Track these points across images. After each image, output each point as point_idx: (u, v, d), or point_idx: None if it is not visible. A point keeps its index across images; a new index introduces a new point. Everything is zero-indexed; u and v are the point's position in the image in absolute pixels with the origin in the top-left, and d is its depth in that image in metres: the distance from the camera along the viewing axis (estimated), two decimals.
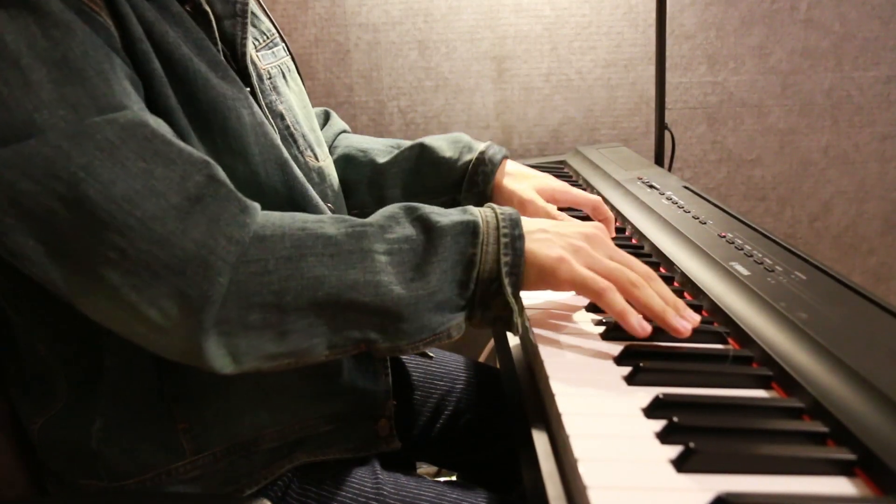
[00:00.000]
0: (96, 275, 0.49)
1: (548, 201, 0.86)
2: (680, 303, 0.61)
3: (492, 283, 0.57)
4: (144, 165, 0.50)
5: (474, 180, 0.87)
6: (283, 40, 0.83)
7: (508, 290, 0.57)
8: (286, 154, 0.66)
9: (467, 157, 0.88)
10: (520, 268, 0.58)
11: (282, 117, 0.74)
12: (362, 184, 0.91)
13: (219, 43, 0.66)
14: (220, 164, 0.62)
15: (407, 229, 0.57)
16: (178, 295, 0.49)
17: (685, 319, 0.59)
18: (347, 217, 0.58)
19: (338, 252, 0.54)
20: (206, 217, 0.51)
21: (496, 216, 0.59)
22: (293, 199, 0.66)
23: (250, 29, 0.72)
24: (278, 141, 0.66)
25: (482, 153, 0.87)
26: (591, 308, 0.68)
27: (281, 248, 0.53)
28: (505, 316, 0.58)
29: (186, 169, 0.52)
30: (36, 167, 0.48)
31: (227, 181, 0.54)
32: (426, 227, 0.57)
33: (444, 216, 0.58)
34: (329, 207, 0.73)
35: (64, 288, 0.50)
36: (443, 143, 0.90)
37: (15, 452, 0.67)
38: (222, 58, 0.64)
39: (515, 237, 0.58)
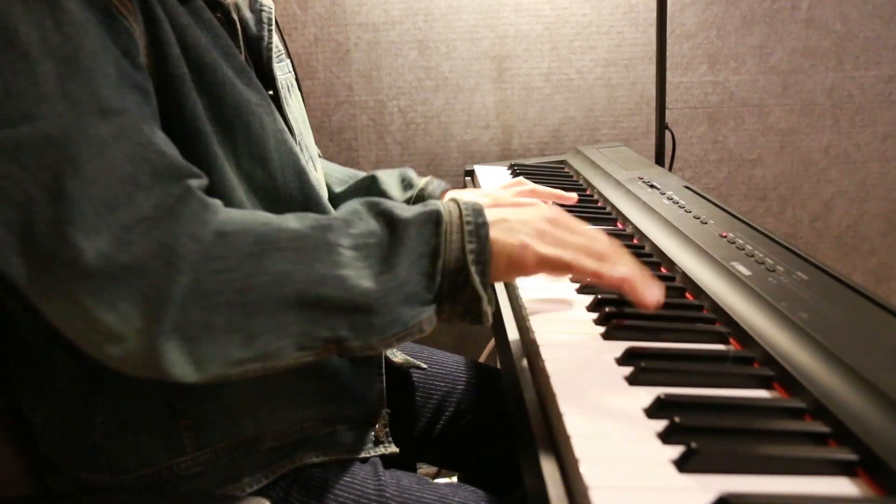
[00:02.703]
0: (54, 274, 0.47)
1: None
2: (647, 274, 0.62)
3: (458, 273, 0.56)
4: (131, 170, 0.50)
5: None
6: (290, 57, 0.87)
7: (476, 278, 0.56)
8: (303, 162, 0.68)
9: (408, 193, 0.94)
10: (486, 255, 0.57)
11: (291, 128, 0.76)
12: None
13: (244, 51, 0.68)
14: (240, 168, 0.64)
15: (370, 224, 0.56)
16: (138, 297, 0.47)
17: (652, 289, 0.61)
18: (311, 214, 0.57)
19: (303, 246, 0.53)
20: (168, 217, 0.49)
21: (458, 206, 0.58)
22: (308, 207, 0.68)
23: (274, 39, 0.75)
24: (297, 149, 0.68)
25: (422, 189, 0.94)
26: (592, 308, 0.68)
27: (243, 244, 0.51)
28: (474, 309, 0.57)
29: (171, 183, 0.51)
30: (26, 153, 0.47)
31: (195, 183, 0.53)
32: (389, 220, 0.56)
33: (407, 210, 0.58)
34: None
35: (24, 284, 0.49)
36: (391, 179, 0.96)
37: (15, 448, 0.67)
38: (248, 65, 0.66)
39: (479, 225, 0.57)
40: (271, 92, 0.74)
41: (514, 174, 1.27)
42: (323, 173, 0.86)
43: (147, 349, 0.48)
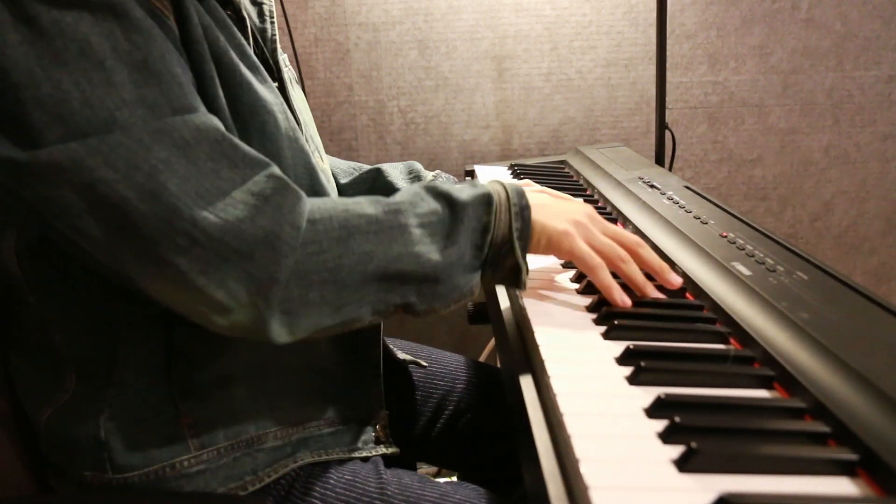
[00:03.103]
0: (164, 260, 0.52)
1: None
2: (665, 268, 0.70)
3: (503, 245, 0.64)
4: (213, 165, 0.54)
5: None
6: (295, 55, 0.89)
7: (519, 251, 0.64)
8: (313, 160, 0.70)
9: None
10: (527, 232, 0.65)
11: (298, 119, 0.77)
12: None
13: (252, 47, 0.70)
14: None
15: (432, 204, 0.62)
16: (246, 278, 0.53)
17: (668, 285, 0.70)
18: (379, 197, 0.62)
19: (380, 229, 0.59)
20: (270, 207, 0.54)
21: (505, 189, 0.66)
22: None
23: (277, 30, 0.77)
24: (307, 147, 0.70)
25: (433, 179, 0.99)
26: (592, 308, 0.68)
27: (331, 230, 0.57)
28: (512, 276, 0.65)
29: (248, 171, 0.55)
30: (119, 157, 0.51)
31: (284, 175, 0.58)
32: (449, 201, 0.63)
33: (462, 191, 0.64)
34: None
35: (134, 268, 0.53)
36: (396, 172, 1.00)
37: (16, 448, 0.67)
38: (259, 63, 0.68)
39: (523, 207, 0.65)
40: (277, 84, 0.75)
41: (515, 174, 1.27)
42: (328, 164, 0.86)
43: (254, 322, 0.54)
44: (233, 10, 0.69)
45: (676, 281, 0.70)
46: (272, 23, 0.77)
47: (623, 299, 0.66)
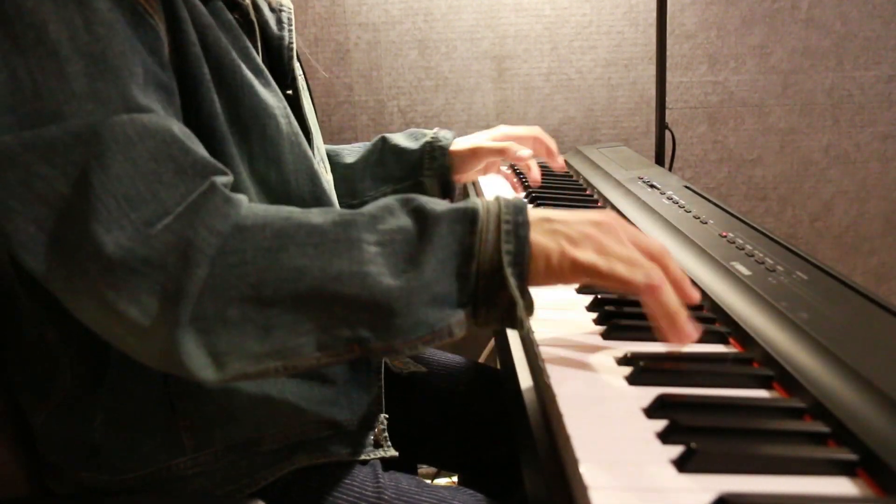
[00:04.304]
0: (79, 269, 0.48)
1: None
2: (685, 280, 0.57)
3: (494, 275, 0.52)
4: (155, 167, 0.50)
5: (432, 156, 1.00)
6: (299, 59, 0.87)
7: (512, 281, 0.52)
8: (316, 166, 0.69)
9: (422, 140, 1.01)
10: (524, 257, 0.52)
11: (308, 128, 0.77)
12: (337, 182, 0.97)
13: (261, 52, 0.69)
14: (254, 170, 0.65)
15: (402, 220, 0.53)
16: (158, 291, 0.47)
17: (686, 296, 0.56)
18: (338, 209, 0.56)
19: (322, 241, 0.51)
20: (187, 212, 0.49)
21: (498, 203, 0.55)
22: None
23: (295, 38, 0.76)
24: (310, 152, 0.69)
25: (434, 135, 1.01)
26: (591, 307, 0.68)
27: (261, 239, 0.50)
28: (511, 314, 0.53)
29: (195, 181, 0.51)
30: (56, 152, 0.48)
31: (223, 182, 0.53)
32: (420, 215, 0.53)
33: (441, 205, 0.54)
34: None
35: (52, 282, 0.49)
36: (400, 136, 1.03)
37: (15, 449, 0.67)
38: (264, 67, 0.66)
39: (519, 224, 0.53)
40: (290, 91, 0.75)
41: (515, 174, 1.27)
42: (331, 175, 0.86)
43: (166, 343, 0.48)
44: (240, 14, 0.68)
45: (695, 296, 0.58)
46: (290, 30, 0.75)
47: (653, 284, 0.53)
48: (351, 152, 1.03)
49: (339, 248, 0.51)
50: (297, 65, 0.83)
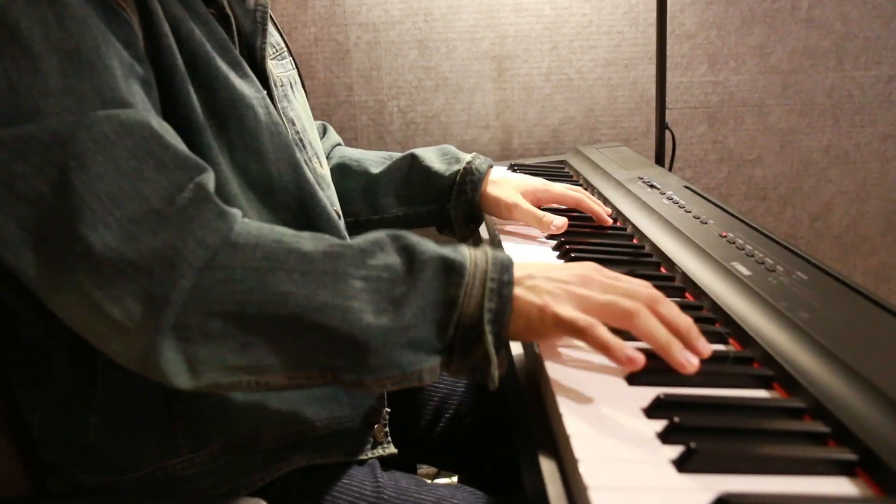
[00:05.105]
0: (64, 268, 0.48)
1: (531, 203, 0.92)
2: (693, 329, 0.55)
3: (472, 329, 0.53)
4: (136, 164, 0.50)
5: (463, 189, 0.92)
6: (291, 55, 0.87)
7: (489, 338, 0.53)
8: (298, 156, 0.68)
9: (455, 167, 0.93)
10: (504, 316, 0.53)
11: (293, 122, 0.76)
12: (357, 192, 0.96)
13: (237, 46, 0.69)
14: (235, 161, 0.64)
15: (391, 257, 0.54)
16: (143, 295, 0.48)
17: (694, 350, 0.54)
18: (329, 237, 0.56)
19: (310, 270, 0.52)
20: (178, 219, 0.50)
21: (486, 260, 0.55)
22: (303, 200, 0.68)
23: (268, 37, 0.74)
24: (292, 142, 0.68)
25: (469, 163, 0.93)
26: None
27: (251, 259, 0.51)
28: (484, 367, 0.53)
29: (177, 175, 0.51)
30: (33, 150, 0.48)
31: (211, 187, 0.53)
32: (409, 256, 0.54)
33: (431, 250, 0.55)
34: (336, 212, 0.75)
35: (34, 279, 0.49)
36: (432, 155, 0.96)
37: (15, 449, 0.67)
38: (242, 59, 0.66)
39: (503, 283, 0.54)
40: (265, 91, 0.74)
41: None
42: (328, 171, 0.85)
43: (145, 347, 0.49)
44: (216, 8, 0.67)
45: (705, 349, 0.55)
46: (264, 29, 0.73)
47: (629, 356, 0.52)
48: (376, 162, 0.97)
49: (326, 279, 0.52)
50: (286, 62, 0.82)
